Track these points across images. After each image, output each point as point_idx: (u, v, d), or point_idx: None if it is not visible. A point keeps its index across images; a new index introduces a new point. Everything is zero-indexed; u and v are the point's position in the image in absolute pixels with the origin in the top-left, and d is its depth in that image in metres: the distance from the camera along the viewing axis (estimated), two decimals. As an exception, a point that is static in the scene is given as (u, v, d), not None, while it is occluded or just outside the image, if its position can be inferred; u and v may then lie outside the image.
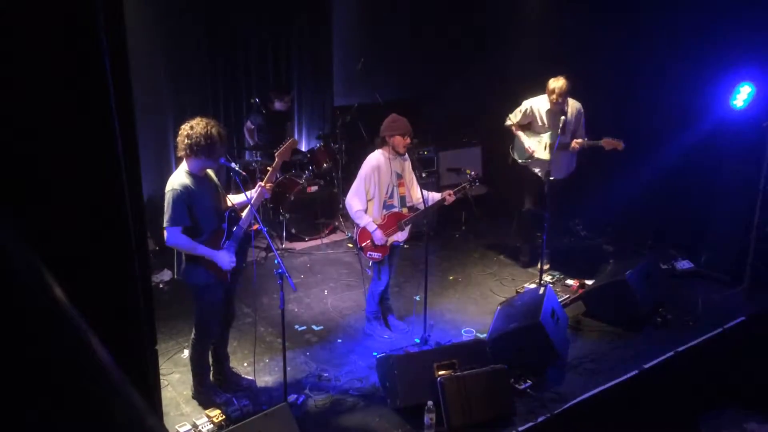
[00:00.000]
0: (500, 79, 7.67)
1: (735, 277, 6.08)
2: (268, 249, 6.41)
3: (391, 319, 5.41)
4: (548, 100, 5.92)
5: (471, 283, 6.36)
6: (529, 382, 4.55)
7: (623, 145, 5.74)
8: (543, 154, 6.09)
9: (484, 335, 5.07)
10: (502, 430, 4.12)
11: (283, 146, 4.38)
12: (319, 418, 4.29)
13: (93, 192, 1.79)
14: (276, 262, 3.96)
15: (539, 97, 6.07)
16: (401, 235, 5.07)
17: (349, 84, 8.38)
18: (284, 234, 7.14)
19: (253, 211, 4.11)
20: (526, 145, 6.17)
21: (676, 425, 5.07)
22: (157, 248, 6.09)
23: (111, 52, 1.80)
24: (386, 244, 4.98)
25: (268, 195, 4.30)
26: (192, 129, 3.90)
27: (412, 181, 5.12)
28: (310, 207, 7.17)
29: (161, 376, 4.36)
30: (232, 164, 4.06)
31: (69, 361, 0.55)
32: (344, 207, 6.60)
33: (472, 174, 5.12)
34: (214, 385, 4.48)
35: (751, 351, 5.45)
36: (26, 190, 1.57)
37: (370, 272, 5.19)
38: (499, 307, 5.32)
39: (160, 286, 6.04)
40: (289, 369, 4.45)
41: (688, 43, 6.22)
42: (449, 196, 5.01)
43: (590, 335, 5.34)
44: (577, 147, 5.91)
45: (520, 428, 4.14)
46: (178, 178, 3.93)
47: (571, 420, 4.35)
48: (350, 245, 7.18)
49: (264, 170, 5.32)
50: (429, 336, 5.15)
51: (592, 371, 4.79)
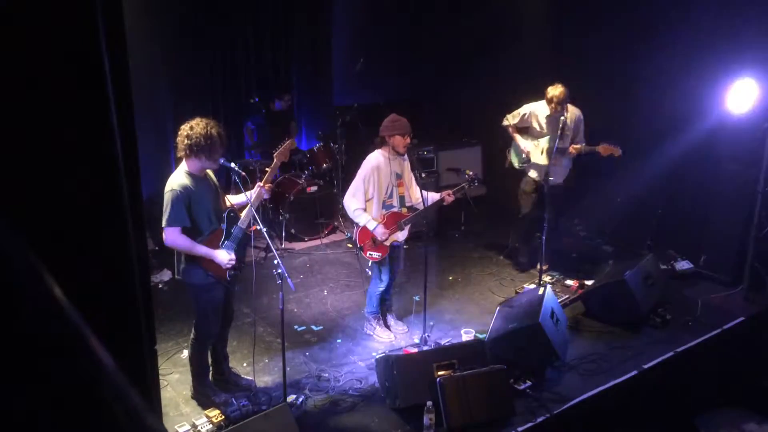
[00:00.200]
0: (500, 79, 7.67)
1: (734, 277, 6.09)
2: (268, 249, 6.41)
3: (391, 320, 5.41)
4: (547, 106, 5.92)
5: (470, 284, 6.37)
6: (529, 383, 4.55)
7: (620, 152, 5.72)
8: (540, 159, 6.09)
9: (484, 335, 5.07)
10: (502, 431, 4.13)
11: (282, 147, 4.39)
12: (319, 419, 4.29)
13: (92, 192, 1.79)
14: (275, 262, 3.96)
15: (539, 102, 6.06)
16: (401, 235, 5.07)
17: (348, 84, 8.38)
18: (284, 234, 7.14)
19: (252, 211, 4.11)
20: (522, 146, 6.17)
21: (675, 425, 5.07)
22: (157, 248, 6.09)
23: (110, 52, 1.80)
24: (386, 243, 4.98)
25: (267, 195, 4.30)
26: (192, 129, 3.90)
27: (411, 181, 5.13)
28: (309, 207, 7.17)
29: (160, 376, 4.36)
30: (232, 164, 4.06)
31: (68, 362, 0.55)
32: (344, 207, 6.62)
33: (471, 174, 5.12)
34: (213, 386, 4.48)
35: (750, 351, 5.46)
36: (25, 191, 1.57)
37: (369, 272, 5.19)
38: (498, 308, 5.32)
39: (160, 286, 6.04)
40: (289, 369, 4.45)
41: (688, 44, 6.23)
42: (448, 196, 5.01)
43: (589, 335, 5.34)
44: (574, 153, 5.89)
45: (520, 428, 4.14)
46: (178, 179, 3.93)
47: (571, 420, 4.35)
48: (350, 245, 7.18)
49: (263, 170, 5.31)
50: (428, 336, 5.15)
51: (591, 371, 4.79)
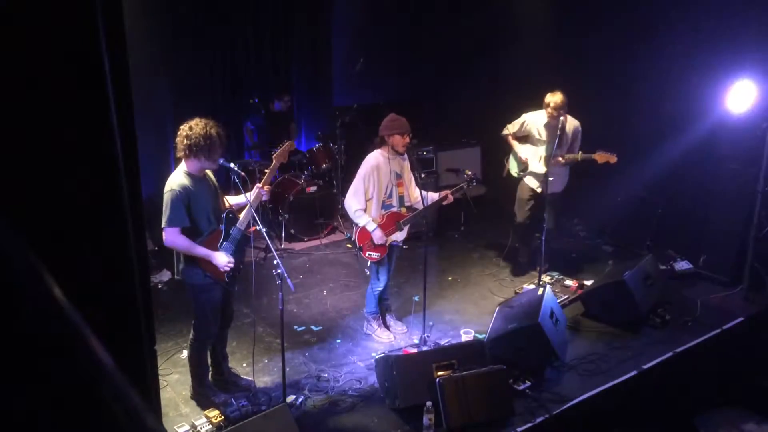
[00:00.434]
0: (500, 79, 7.68)
1: (734, 278, 6.09)
2: (267, 249, 6.40)
3: (390, 320, 5.41)
4: (545, 114, 5.94)
5: (470, 284, 6.37)
6: (528, 383, 4.55)
7: (616, 159, 5.72)
8: (538, 167, 6.10)
9: (483, 336, 5.07)
10: (501, 431, 4.13)
11: (281, 148, 4.39)
12: (318, 419, 4.29)
13: (92, 192, 1.79)
14: (275, 262, 3.96)
15: (537, 111, 6.08)
16: (400, 235, 5.07)
17: (348, 84, 8.39)
18: (283, 234, 7.14)
19: (252, 212, 4.10)
20: (521, 154, 6.17)
21: (675, 425, 5.08)
22: (156, 248, 6.09)
23: (110, 52, 1.80)
24: (385, 244, 4.98)
25: (266, 197, 4.30)
26: (191, 129, 3.90)
27: (411, 181, 5.13)
28: (309, 207, 7.17)
29: (160, 377, 4.35)
30: (231, 165, 4.06)
31: (68, 362, 0.55)
32: (343, 207, 6.61)
33: (469, 174, 5.12)
34: (212, 386, 4.48)
35: (750, 352, 5.46)
36: (25, 191, 1.57)
37: (368, 272, 5.19)
38: (498, 308, 5.32)
39: (159, 286, 6.04)
40: (288, 369, 4.45)
41: (687, 44, 6.23)
42: (447, 196, 5.02)
43: (589, 336, 5.34)
44: (562, 161, 5.89)
45: (519, 429, 4.15)
46: (177, 179, 3.93)
47: (570, 421, 4.35)
48: (349, 245, 7.18)
49: (263, 171, 5.32)
50: (428, 336, 5.15)
51: (590, 372, 4.79)
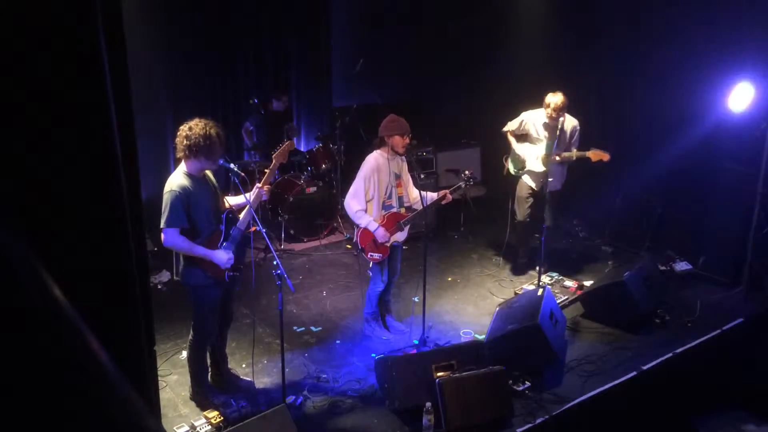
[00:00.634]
0: (500, 79, 7.68)
1: (733, 278, 6.09)
2: (267, 250, 6.40)
3: (390, 321, 5.41)
4: (544, 114, 5.94)
5: (469, 284, 6.36)
6: (528, 384, 4.54)
7: (609, 157, 5.74)
8: (537, 166, 6.11)
9: (483, 336, 5.07)
10: (501, 432, 4.13)
11: (280, 148, 4.38)
12: (318, 420, 4.29)
13: (92, 193, 1.79)
14: (274, 263, 3.96)
15: (536, 110, 6.08)
16: (401, 236, 5.07)
17: (348, 85, 8.38)
18: (283, 235, 7.14)
19: (252, 212, 4.10)
20: (519, 153, 6.19)
21: (674, 427, 5.08)
22: (156, 249, 6.09)
23: (110, 53, 1.80)
24: (387, 244, 4.99)
25: (265, 197, 4.30)
26: (191, 130, 3.90)
27: (409, 182, 5.16)
28: (308, 208, 7.17)
29: (159, 377, 4.35)
30: (231, 165, 4.06)
31: (68, 362, 0.55)
32: (343, 208, 6.60)
33: (467, 174, 5.13)
34: (212, 387, 4.48)
35: (750, 352, 5.46)
36: (25, 192, 1.57)
37: (370, 273, 5.19)
38: (497, 309, 5.32)
39: (159, 287, 6.04)
40: (288, 370, 4.45)
41: (687, 45, 6.23)
42: (446, 196, 5.03)
43: (589, 337, 5.34)
44: (558, 159, 5.92)
45: (519, 430, 4.14)
46: (177, 180, 3.93)
47: (570, 421, 4.35)
48: (349, 246, 7.18)
49: (262, 171, 5.31)
50: (427, 337, 5.15)
51: (590, 372, 4.79)
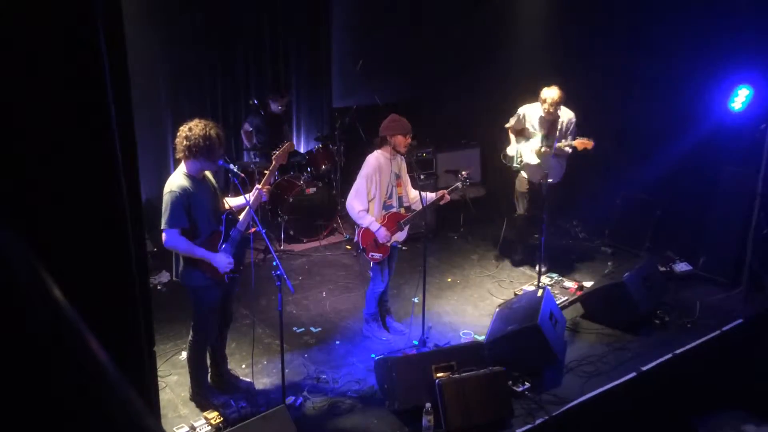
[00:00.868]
0: (500, 80, 7.68)
1: (733, 279, 6.09)
2: (267, 251, 6.40)
3: (390, 321, 5.41)
4: (541, 108, 5.96)
5: (469, 285, 6.36)
6: (527, 385, 4.54)
7: (593, 144, 5.80)
8: (532, 159, 6.16)
9: (482, 337, 5.07)
10: (500, 432, 4.13)
11: (280, 149, 4.38)
12: (317, 420, 4.29)
13: (92, 194, 1.79)
14: (274, 263, 3.95)
15: (533, 104, 6.11)
16: (400, 235, 5.08)
17: (347, 85, 8.38)
18: (282, 236, 7.14)
19: (252, 213, 4.10)
20: (516, 147, 6.30)
21: (675, 427, 5.07)
22: (155, 250, 6.09)
23: (110, 54, 1.80)
24: (388, 244, 5.00)
25: (265, 198, 4.30)
26: (190, 131, 3.90)
27: (407, 182, 5.18)
28: (308, 209, 7.17)
29: (159, 378, 4.34)
30: (231, 166, 4.06)
31: (68, 362, 0.55)
32: (343, 208, 6.60)
33: (463, 174, 5.14)
34: (212, 387, 4.48)
35: (749, 353, 5.46)
36: (25, 192, 1.57)
37: (371, 273, 5.19)
38: (497, 309, 5.32)
39: (158, 287, 6.04)
40: (287, 371, 4.45)
41: (687, 46, 6.24)
42: (444, 195, 5.04)
43: (588, 337, 5.34)
44: (550, 152, 5.97)
45: (519, 430, 4.14)
46: (177, 180, 3.93)
47: (570, 422, 4.35)
48: (348, 247, 7.18)
49: (262, 172, 5.31)
50: (427, 338, 5.15)
51: (590, 373, 4.79)
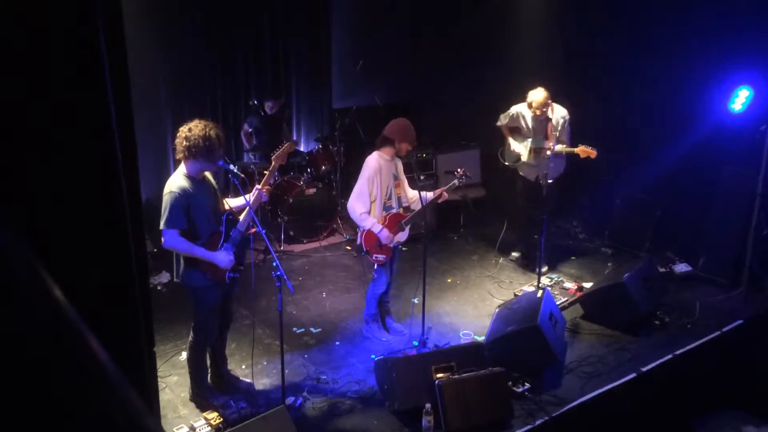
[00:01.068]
0: (500, 81, 7.68)
1: (733, 280, 6.09)
2: (267, 251, 6.40)
3: (389, 322, 5.41)
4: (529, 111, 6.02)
5: (469, 286, 6.36)
6: (527, 385, 4.54)
7: (596, 154, 5.78)
8: (527, 158, 6.22)
9: (482, 338, 5.07)
10: (500, 433, 4.13)
11: (280, 150, 4.38)
12: (317, 421, 4.29)
13: (92, 194, 1.79)
14: (274, 264, 3.95)
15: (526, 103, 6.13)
16: (402, 236, 5.09)
17: (347, 86, 8.38)
18: (282, 236, 7.14)
19: (252, 213, 4.10)
20: (513, 147, 6.32)
21: (674, 428, 5.07)
22: (155, 250, 6.09)
23: (110, 54, 1.80)
24: (391, 245, 5.00)
25: (265, 198, 4.30)
26: (190, 131, 3.90)
27: (405, 182, 5.20)
28: (308, 209, 7.17)
29: (159, 379, 4.35)
30: (231, 166, 4.06)
31: (68, 362, 0.55)
32: (343, 209, 6.60)
33: (459, 171, 5.15)
34: (211, 388, 4.48)
35: (749, 354, 5.46)
36: (25, 193, 1.57)
37: (375, 275, 5.18)
38: (497, 310, 5.32)
39: (158, 288, 6.04)
40: (287, 371, 4.45)
41: (687, 46, 6.24)
42: (442, 194, 5.05)
43: (588, 338, 5.34)
44: (550, 153, 5.94)
45: (518, 431, 4.14)
46: (177, 181, 3.93)
47: (569, 423, 4.35)
48: (348, 248, 7.18)
49: (261, 173, 5.32)
50: (427, 338, 5.15)
51: (590, 374, 4.79)
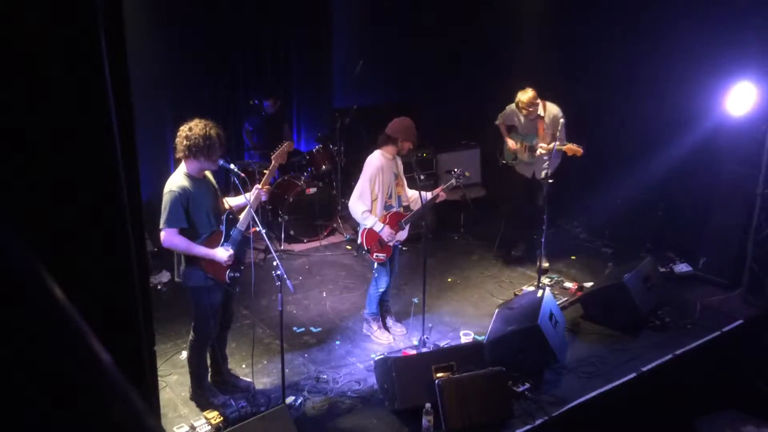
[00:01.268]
0: (500, 81, 7.67)
1: (733, 280, 6.09)
2: (267, 251, 6.40)
3: (390, 321, 5.42)
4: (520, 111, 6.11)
5: (469, 286, 6.36)
6: (527, 385, 4.55)
7: (582, 151, 5.83)
8: (523, 156, 6.31)
9: (483, 337, 5.07)
10: (500, 433, 4.13)
11: (279, 149, 4.39)
12: (317, 420, 4.29)
13: (92, 193, 1.79)
14: (274, 263, 3.96)
15: None
16: (401, 235, 5.09)
17: (348, 86, 8.38)
18: (283, 236, 7.14)
19: (252, 213, 4.10)
20: (509, 145, 6.42)
21: (674, 428, 5.07)
22: (156, 249, 6.08)
23: (110, 53, 1.80)
24: (392, 244, 5.01)
25: (265, 197, 4.31)
26: (191, 130, 3.90)
27: (404, 181, 5.21)
28: (308, 209, 7.17)
29: (159, 378, 4.35)
30: (231, 165, 4.06)
31: (69, 362, 0.55)
32: (343, 209, 6.60)
33: (457, 171, 5.15)
34: (212, 387, 4.48)
35: (749, 354, 5.46)
36: (25, 192, 1.57)
37: (375, 274, 5.19)
38: (497, 310, 5.32)
39: (159, 287, 6.04)
40: (287, 371, 4.45)
41: (687, 46, 6.23)
42: (440, 194, 5.06)
43: (588, 338, 5.34)
44: (543, 151, 6.02)
45: (518, 431, 4.14)
46: (176, 180, 3.93)
47: (569, 423, 4.35)
48: (349, 247, 7.18)
49: (262, 172, 5.32)
50: (427, 338, 5.15)
51: (590, 374, 4.79)
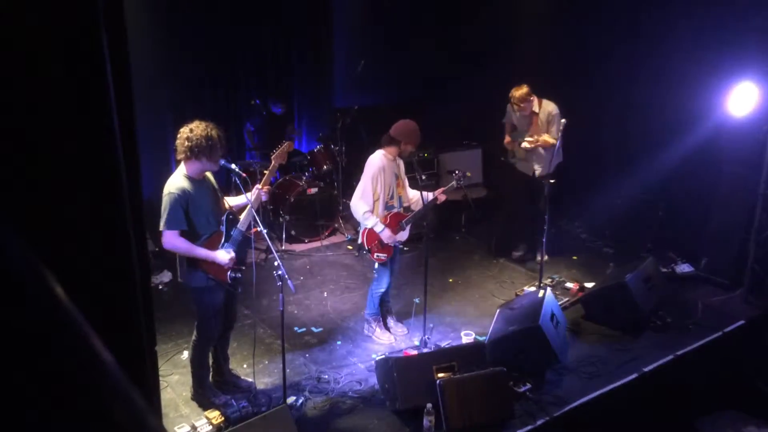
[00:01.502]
0: (501, 81, 7.67)
1: (734, 280, 6.08)
2: (268, 251, 6.40)
3: (391, 321, 5.42)
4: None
5: (470, 286, 6.36)
6: (528, 385, 4.55)
7: (553, 141, 5.94)
8: (521, 154, 6.38)
9: (484, 338, 5.07)
10: (501, 433, 4.13)
11: (279, 149, 4.39)
12: (318, 420, 4.29)
13: (93, 193, 1.79)
14: (275, 263, 3.96)
15: None
16: (402, 235, 5.09)
17: (349, 86, 8.38)
18: (284, 236, 7.14)
19: (252, 213, 4.11)
20: (504, 142, 6.52)
21: (675, 428, 5.07)
22: (157, 249, 6.08)
23: (112, 53, 1.80)
24: (392, 244, 5.01)
25: (265, 197, 4.31)
26: (192, 131, 3.90)
27: (405, 182, 5.20)
28: (309, 209, 7.17)
29: (160, 378, 4.36)
30: (232, 165, 4.06)
31: (69, 362, 0.55)
32: (344, 209, 6.59)
33: (457, 173, 5.16)
34: (213, 387, 4.48)
35: (751, 354, 5.45)
36: (25, 192, 1.57)
37: (376, 274, 5.19)
38: (498, 310, 5.32)
39: (160, 287, 6.04)
40: (288, 371, 4.45)
41: (687, 46, 6.23)
42: (440, 195, 5.06)
43: (589, 338, 5.34)
44: (530, 147, 6.16)
45: (519, 431, 4.14)
46: (176, 182, 3.93)
47: (570, 423, 4.35)
48: (350, 247, 7.18)
49: (263, 173, 5.32)
50: (428, 338, 5.15)
51: (591, 374, 4.79)
